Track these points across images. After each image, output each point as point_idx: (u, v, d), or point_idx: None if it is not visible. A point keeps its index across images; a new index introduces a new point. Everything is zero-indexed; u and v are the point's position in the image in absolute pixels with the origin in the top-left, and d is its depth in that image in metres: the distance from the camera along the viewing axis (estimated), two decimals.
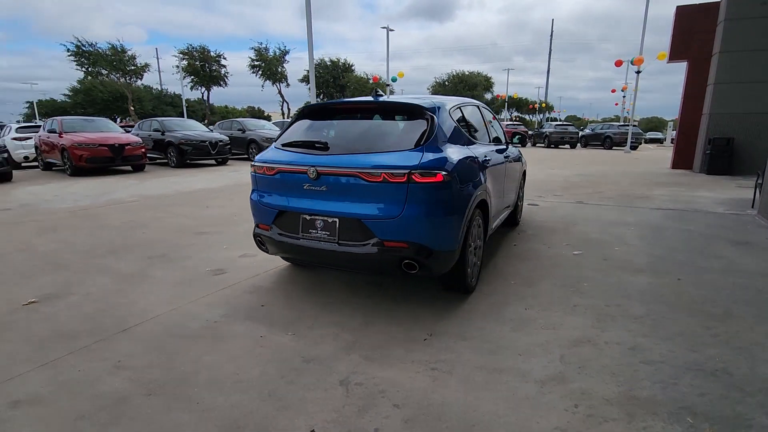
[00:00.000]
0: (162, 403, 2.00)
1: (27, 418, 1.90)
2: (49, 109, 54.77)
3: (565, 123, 28.20)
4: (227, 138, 13.85)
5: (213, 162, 13.95)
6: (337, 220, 2.76)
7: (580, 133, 25.94)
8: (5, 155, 9.73)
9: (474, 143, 3.42)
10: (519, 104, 57.50)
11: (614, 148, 23.49)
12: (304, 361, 2.35)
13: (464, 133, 3.30)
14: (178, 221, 5.72)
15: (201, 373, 2.24)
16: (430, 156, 2.68)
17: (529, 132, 28.71)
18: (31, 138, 13.25)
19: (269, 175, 3.02)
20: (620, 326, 2.73)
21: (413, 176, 2.58)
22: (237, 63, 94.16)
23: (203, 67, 37.20)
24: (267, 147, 3.81)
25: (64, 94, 51.05)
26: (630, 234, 4.99)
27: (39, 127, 13.68)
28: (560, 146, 25.39)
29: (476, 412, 1.92)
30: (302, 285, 3.45)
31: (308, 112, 3.31)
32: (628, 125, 22.52)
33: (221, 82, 38.95)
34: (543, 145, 25.79)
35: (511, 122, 28.08)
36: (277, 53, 37.67)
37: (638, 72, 19.99)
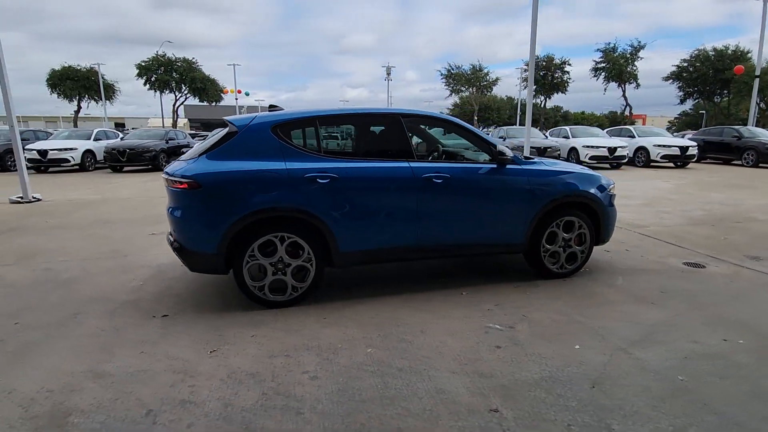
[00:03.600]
0: None
1: None
2: None
3: None
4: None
5: None
6: None
7: None
8: None
9: (316, 157, 3.22)
10: None
11: None
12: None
13: (293, 148, 3.20)
14: None
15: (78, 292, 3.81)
16: (183, 166, 3.11)
17: None
18: None
19: None
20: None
21: (167, 181, 3.11)
22: (581, 68, 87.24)
23: (545, 75, 37.89)
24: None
25: (448, 109, 65.11)
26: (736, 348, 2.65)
27: None
28: None
29: None
30: None
31: None
32: None
33: (561, 89, 38.44)
34: None
35: None
36: (628, 51, 33.08)
37: None
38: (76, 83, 40.17)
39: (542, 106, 43.22)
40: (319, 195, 3.17)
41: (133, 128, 29.35)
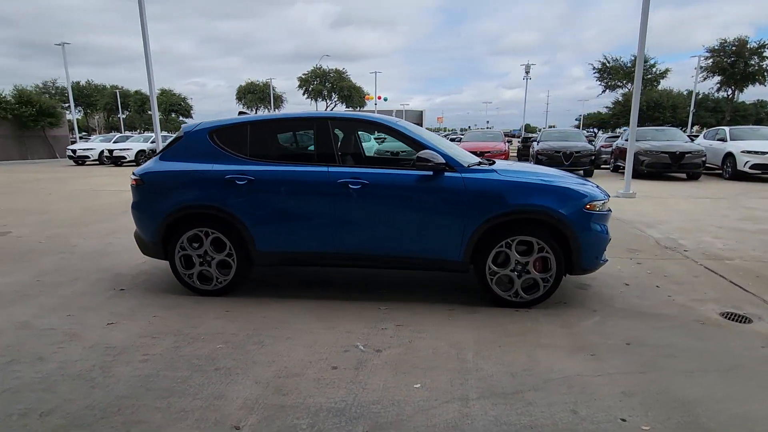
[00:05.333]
0: None
1: None
2: (593, 120, 63.86)
3: None
4: None
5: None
6: None
7: None
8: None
9: (241, 160, 3.41)
10: None
11: None
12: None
13: (223, 152, 3.45)
14: None
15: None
16: (143, 165, 3.62)
17: None
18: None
19: None
20: None
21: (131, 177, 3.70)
22: None
23: (734, 63, 30.21)
24: None
25: (606, 107, 57.85)
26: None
27: None
28: None
29: None
30: None
31: None
32: None
33: (758, 79, 30.07)
34: None
35: None
36: None
37: None
38: (255, 96, 48.50)
39: (730, 99, 34.77)
40: (237, 195, 3.37)
41: None
